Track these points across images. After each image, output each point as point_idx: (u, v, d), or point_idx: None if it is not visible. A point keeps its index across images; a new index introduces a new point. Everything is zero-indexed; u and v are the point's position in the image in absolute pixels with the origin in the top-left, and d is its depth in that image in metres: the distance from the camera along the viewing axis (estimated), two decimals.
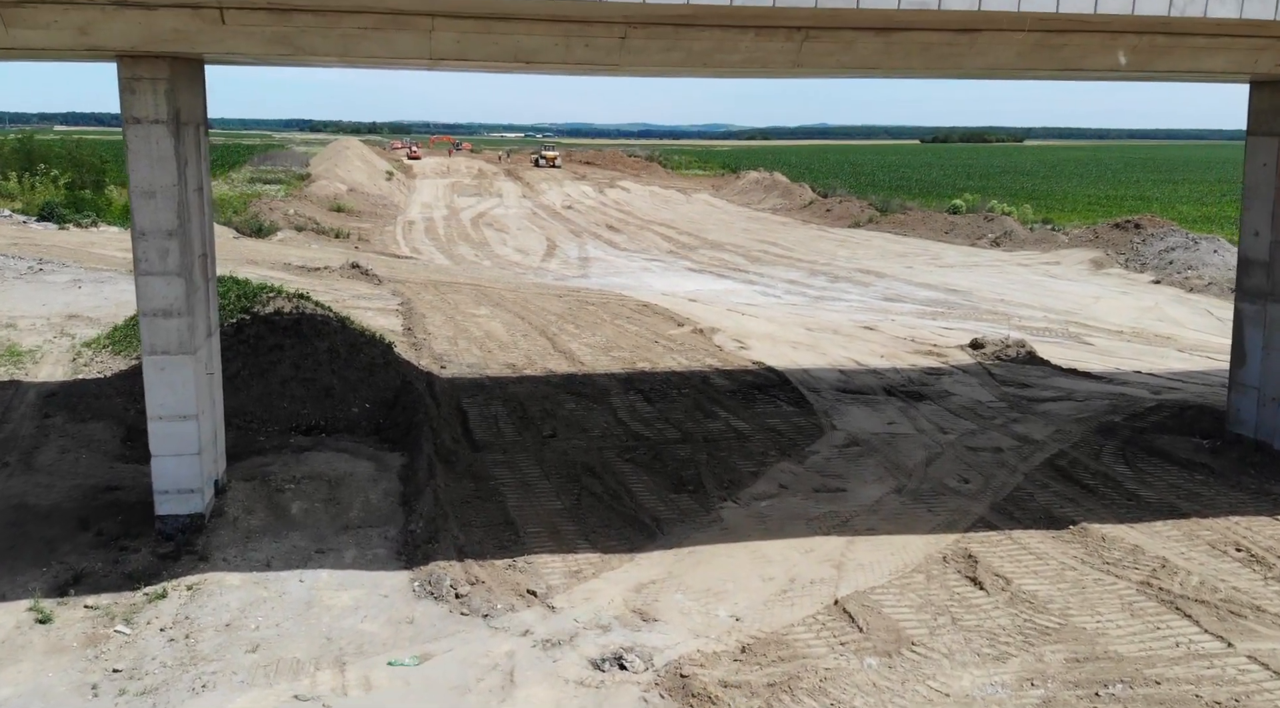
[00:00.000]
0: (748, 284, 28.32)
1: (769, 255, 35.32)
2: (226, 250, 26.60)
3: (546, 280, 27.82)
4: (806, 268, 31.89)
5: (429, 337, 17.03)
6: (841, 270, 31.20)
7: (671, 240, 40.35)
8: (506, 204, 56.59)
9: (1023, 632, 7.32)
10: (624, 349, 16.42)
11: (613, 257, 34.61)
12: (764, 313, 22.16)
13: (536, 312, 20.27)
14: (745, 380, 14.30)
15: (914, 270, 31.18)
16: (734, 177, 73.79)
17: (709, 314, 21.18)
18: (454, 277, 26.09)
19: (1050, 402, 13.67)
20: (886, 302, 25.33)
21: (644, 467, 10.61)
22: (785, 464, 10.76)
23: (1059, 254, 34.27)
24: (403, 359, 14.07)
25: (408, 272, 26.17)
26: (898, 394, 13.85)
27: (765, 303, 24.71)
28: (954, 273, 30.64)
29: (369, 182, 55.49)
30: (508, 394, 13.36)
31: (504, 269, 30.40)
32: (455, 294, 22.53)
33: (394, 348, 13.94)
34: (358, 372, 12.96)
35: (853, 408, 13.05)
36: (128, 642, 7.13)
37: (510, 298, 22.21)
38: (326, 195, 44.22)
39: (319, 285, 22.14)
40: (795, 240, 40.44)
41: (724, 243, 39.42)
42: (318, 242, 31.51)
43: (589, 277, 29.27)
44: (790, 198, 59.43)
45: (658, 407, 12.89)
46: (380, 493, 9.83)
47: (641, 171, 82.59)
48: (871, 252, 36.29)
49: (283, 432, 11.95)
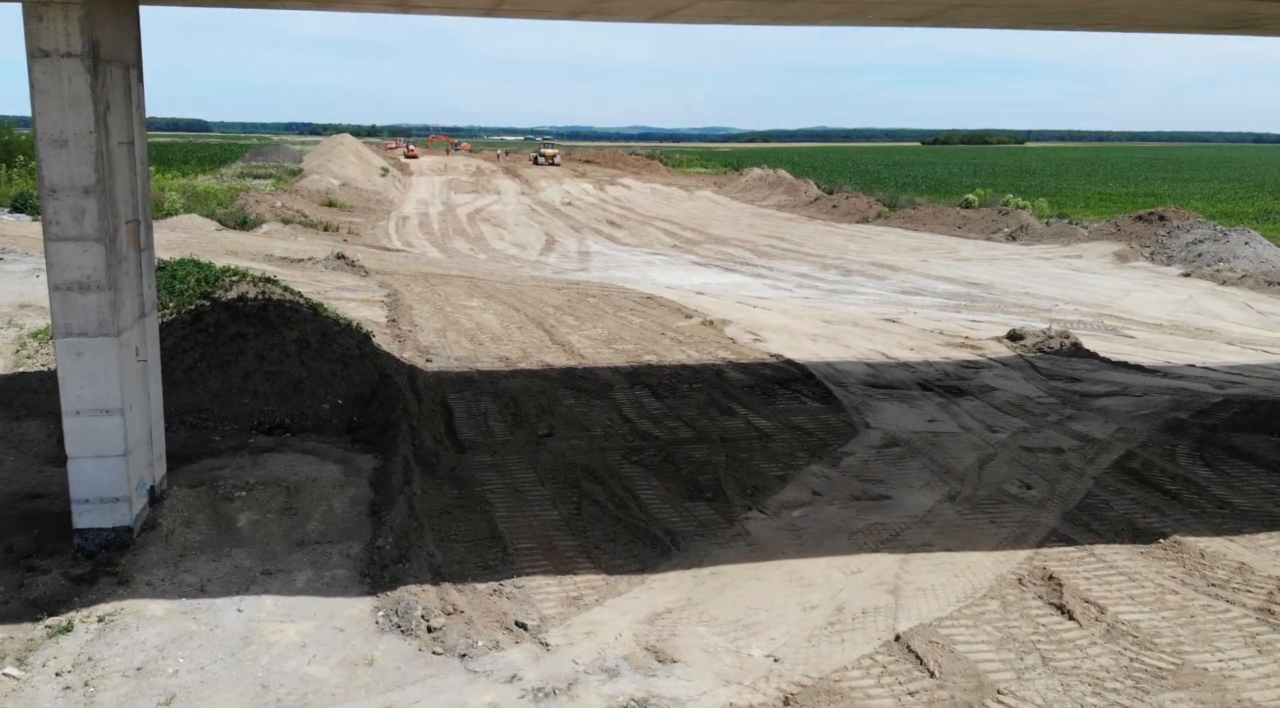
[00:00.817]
0: (757, 278, 26.90)
1: (777, 250, 33.90)
2: (207, 242, 25.19)
3: (544, 274, 26.39)
4: (817, 262, 30.46)
5: (415, 329, 15.59)
6: (854, 264, 29.77)
7: (674, 236, 38.94)
8: (504, 201, 55.18)
9: (1132, 675, 5.88)
10: (628, 342, 14.98)
11: (614, 251, 33.19)
12: (777, 305, 20.72)
13: (533, 304, 18.84)
14: (763, 374, 12.85)
15: (930, 264, 29.74)
16: (737, 174, 72.38)
17: (718, 307, 19.75)
18: (446, 269, 24.66)
19: (1105, 397, 12.23)
20: (905, 295, 23.90)
21: (654, 470, 9.17)
22: (817, 467, 9.32)
23: (1079, 247, 32.83)
24: (382, 351, 12.63)
25: (397, 264, 24.74)
26: (934, 389, 12.41)
27: (777, 296, 23.27)
28: (972, 266, 29.20)
29: (363, 177, 54.06)
30: (499, 389, 11.92)
31: (500, 263, 28.98)
32: (446, 286, 21.11)
33: (372, 338, 12.50)
34: (330, 364, 11.52)
35: (886, 404, 11.61)
36: (16, 688, 5.70)
37: (505, 290, 20.77)
38: (318, 190, 42.79)
39: (302, 277, 20.74)
40: (803, 235, 39.02)
41: (729, 238, 38.01)
42: (305, 235, 30.08)
43: (589, 270, 27.85)
44: (795, 194, 58.06)
45: (667, 403, 11.45)
46: (346, 501, 8.39)
47: (642, 170, 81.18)
48: (883, 246, 34.85)
49: (243, 431, 10.52)
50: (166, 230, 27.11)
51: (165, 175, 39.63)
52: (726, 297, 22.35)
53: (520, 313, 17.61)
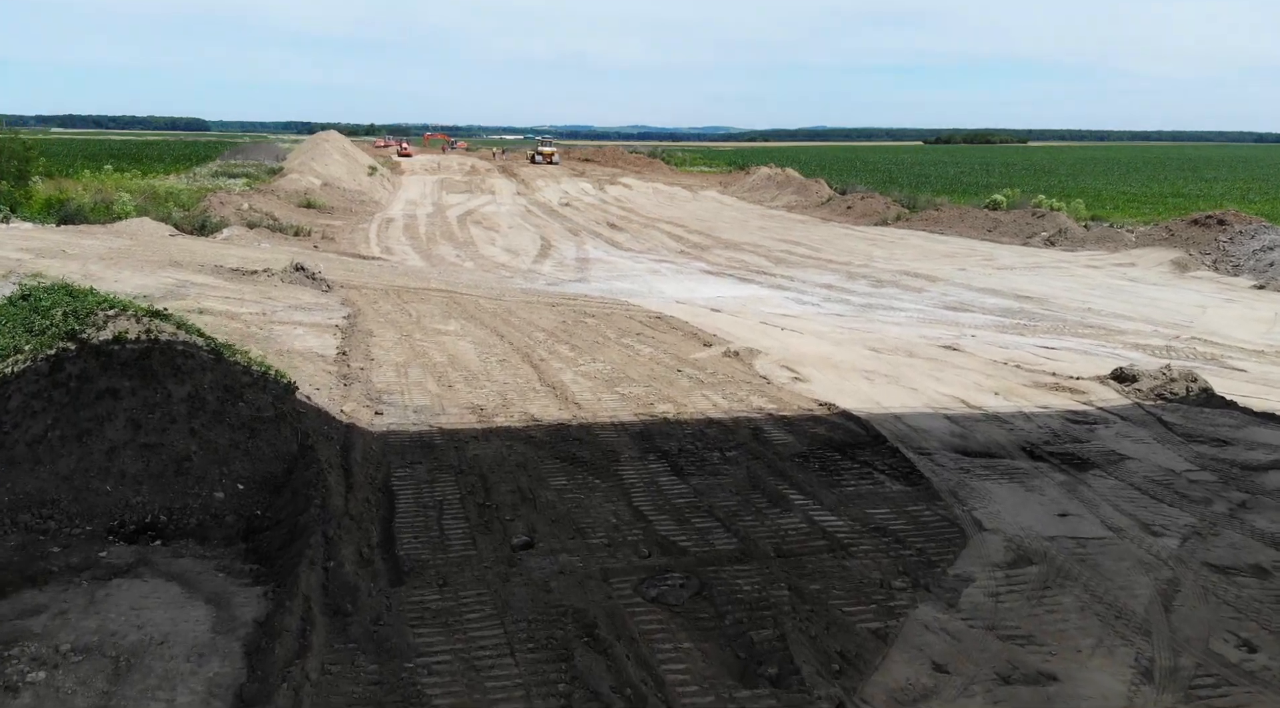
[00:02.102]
0: (777, 289, 23.81)
1: (794, 256, 30.82)
2: (151, 251, 22.11)
3: (538, 286, 23.31)
4: (841, 270, 27.38)
5: (370, 364, 12.49)
6: (883, 273, 26.68)
7: (681, 240, 35.86)
8: (499, 201, 52.11)
9: None
10: (636, 382, 11.89)
11: (616, 258, 30.10)
12: (808, 326, 17.64)
13: (521, 327, 15.76)
14: (816, 435, 9.75)
15: (969, 273, 26.66)
16: (743, 173, 69.29)
17: (740, 329, 16.67)
18: (425, 281, 21.57)
19: (1275, 470, 9.15)
20: (950, 311, 20.81)
21: (683, 617, 6.09)
22: (928, 610, 6.23)
23: (1130, 254, 29.75)
24: (311, 406, 9.54)
25: (369, 275, 21.65)
26: (1046, 457, 9.31)
27: (803, 313, 20.19)
28: (1016, 276, 26.12)
29: (348, 177, 50.93)
30: (466, 462, 8.83)
31: (488, 272, 25.89)
32: (421, 304, 18.03)
33: (294, 390, 9.38)
34: (231, 432, 8.43)
35: (992, 485, 8.51)
36: None
37: (489, 309, 17.68)
38: (296, 191, 39.68)
39: (251, 293, 17.67)
40: (820, 239, 35.94)
41: (740, 242, 34.93)
42: (271, 240, 26.98)
43: (588, 281, 24.77)
44: (805, 195, 55.01)
45: (693, 483, 8.36)
46: (202, 687, 5.31)
47: (644, 168, 78.09)
48: (911, 252, 31.76)
49: (98, 535, 7.44)
50: (110, 237, 24.03)
51: (125, 174, 36.57)
52: (746, 314, 19.27)
53: (505, 340, 14.53)
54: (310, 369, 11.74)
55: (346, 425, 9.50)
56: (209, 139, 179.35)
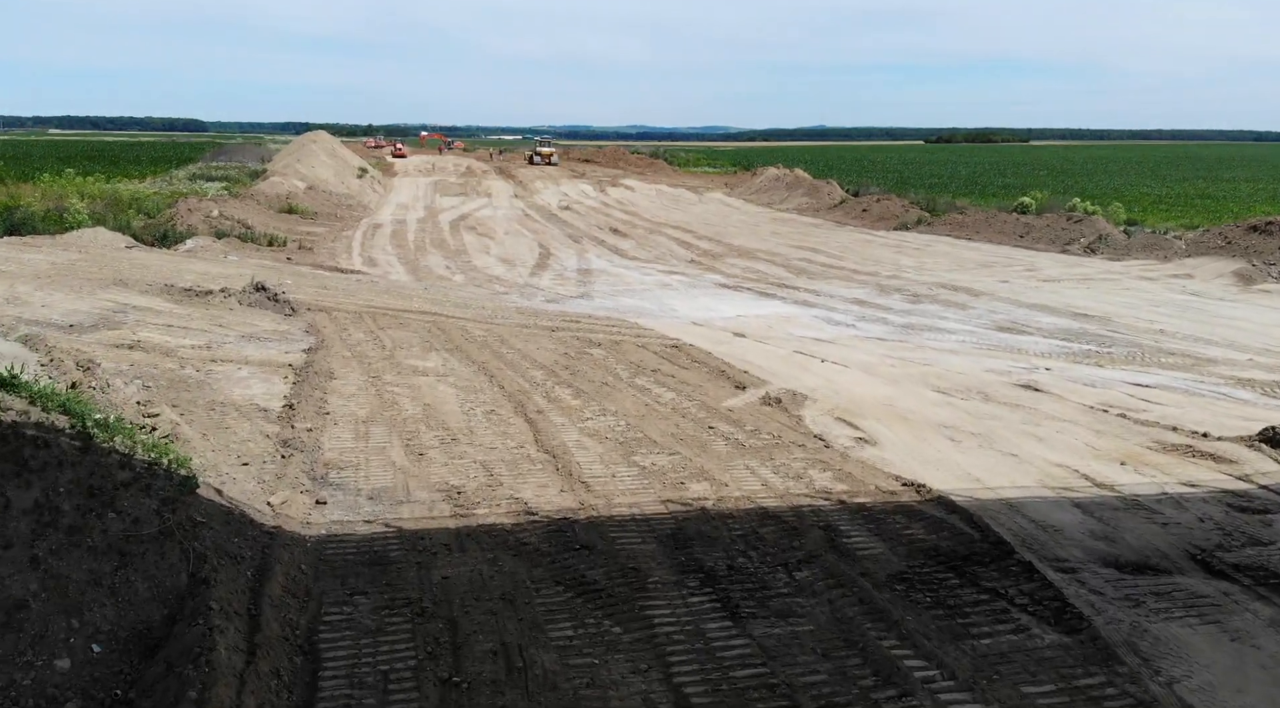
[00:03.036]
0: (802, 306, 21.25)
1: (815, 265, 28.26)
2: (99, 265, 19.56)
3: (535, 304, 20.74)
4: (869, 282, 24.83)
5: (323, 424, 9.93)
6: (917, 285, 24.13)
7: (690, 246, 33.31)
8: (495, 205, 49.55)
9: None
10: (658, 446, 9.35)
11: (621, 269, 27.53)
12: (851, 355, 15.09)
13: (514, 362, 13.22)
14: (916, 541, 7.19)
15: (1012, 286, 24.11)
16: (749, 174, 66.77)
17: (774, 361, 14.14)
18: (407, 300, 19.01)
19: None
20: (1005, 333, 18.27)
21: None
22: None
23: (1184, 264, 27.21)
24: (221, 505, 6.96)
25: (343, 294, 19.09)
26: (1230, 574, 6.77)
27: (838, 336, 17.65)
28: (1067, 290, 23.57)
29: (335, 179, 48.33)
30: (431, 590, 6.28)
31: (480, 287, 23.31)
32: (399, 330, 15.48)
33: (194, 488, 6.80)
34: (93, 558, 5.88)
35: (1180, 630, 5.96)
36: None
37: (478, 337, 15.14)
38: (277, 194, 37.10)
39: (200, 318, 15.16)
40: (840, 246, 33.38)
41: (754, 250, 32.38)
42: (240, 251, 24.42)
43: (592, 297, 22.20)
44: (817, 196, 52.46)
45: (757, 635, 5.80)
46: None
47: (646, 169, 75.59)
48: (942, 261, 29.21)
49: None
50: (57, 250, 21.47)
51: (89, 178, 33.92)
52: (775, 338, 16.74)
53: (494, 382, 11.98)
54: (243, 432, 9.19)
55: (270, 531, 6.93)
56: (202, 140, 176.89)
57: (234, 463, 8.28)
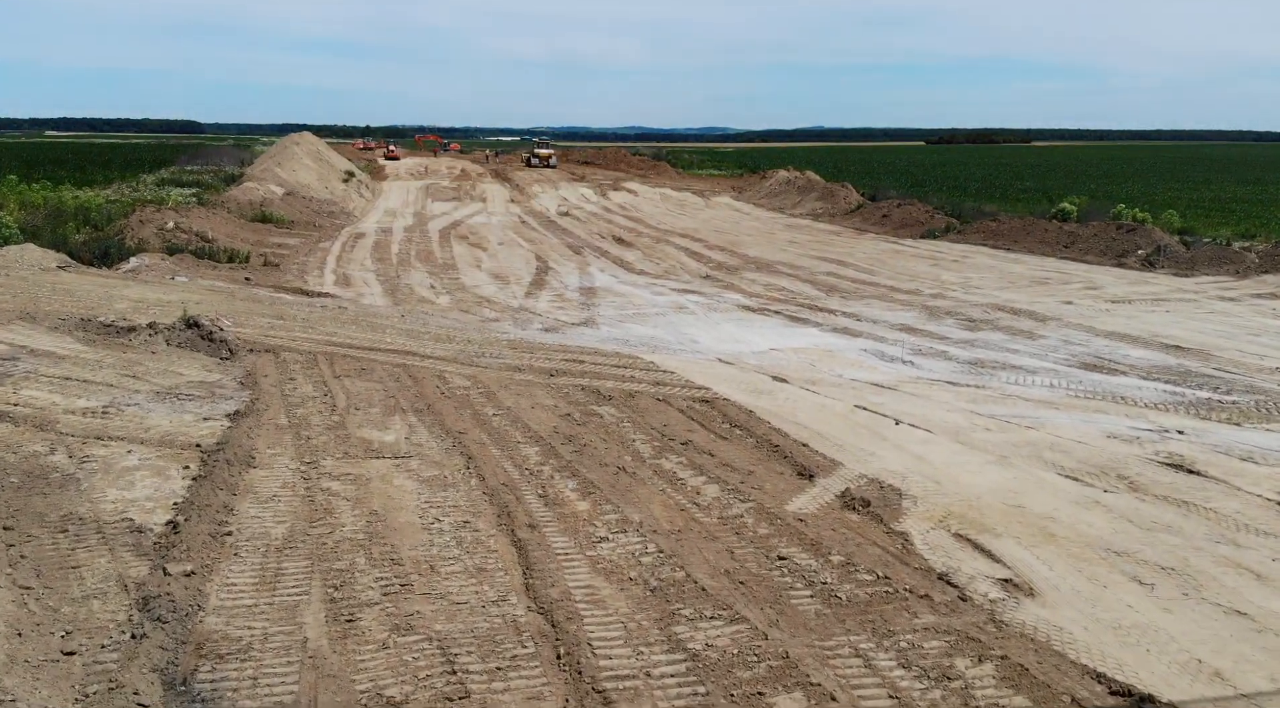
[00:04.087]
0: (844, 335, 18.16)
1: (845, 281, 25.18)
2: (12, 294, 16.45)
3: (531, 334, 17.64)
4: (913, 303, 21.74)
5: (216, 558, 6.81)
6: (970, 307, 21.04)
7: (701, 258, 30.23)
8: (490, 211, 46.46)
9: None
10: (709, 600, 6.26)
11: (628, 286, 24.43)
12: (930, 412, 11.98)
13: (501, 432, 10.13)
14: None
15: (1078, 308, 21.02)
16: (757, 177, 63.69)
17: (835, 422, 11.06)
18: (377, 335, 15.91)
19: None
20: (1094, 373, 15.18)
21: None
22: None
23: (1264, 281, 24.15)
24: None
25: (301, 327, 15.97)
26: None
27: (899, 378, 14.56)
28: (1143, 314, 20.48)
29: (319, 183, 45.19)
30: None
31: (468, 312, 20.19)
32: (359, 379, 12.38)
33: None
34: None
35: None
36: None
37: (458, 389, 12.04)
38: (250, 201, 33.96)
39: (108, 366, 12.11)
40: (867, 257, 30.30)
41: (773, 261, 29.30)
42: (193, 270, 21.31)
43: (597, 324, 19.11)
44: (831, 201, 49.37)
45: None
46: None
47: (648, 172, 72.51)
48: (988, 276, 26.13)
49: None
50: None
51: (33, 185, 30.63)
52: (825, 383, 13.67)
53: (472, 467, 8.89)
54: (90, 582, 6.10)
55: None
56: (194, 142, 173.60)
57: (45, 658, 5.19)
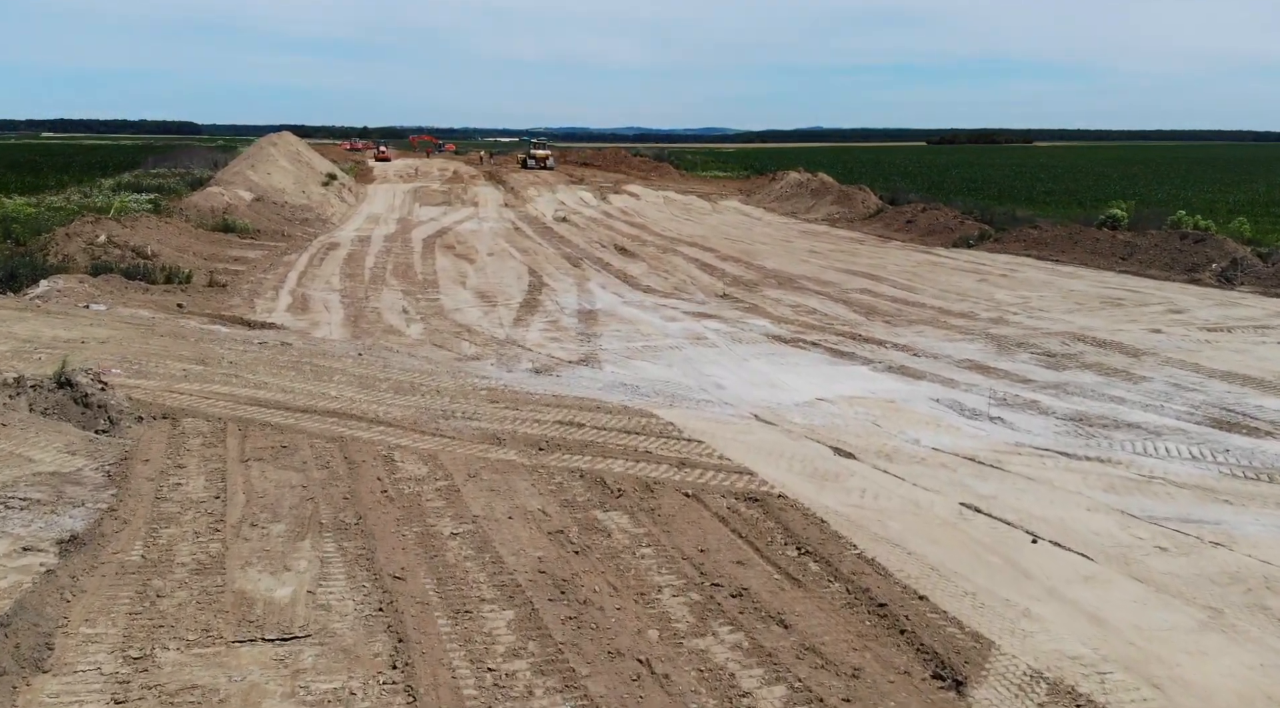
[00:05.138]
0: (904, 378, 14.77)
1: (884, 300, 21.79)
2: None
3: (517, 378, 14.23)
4: (974, 330, 18.36)
5: None
6: (1044, 338, 17.65)
7: (714, 271, 26.87)
8: (481, 216, 43.07)
9: None
10: None
11: (634, 309, 21.03)
12: (1066, 513, 8.60)
13: (460, 574, 6.73)
14: None
15: (1171, 339, 17.65)
16: (766, 178, 60.32)
17: (948, 540, 7.68)
18: (318, 387, 12.50)
19: None
20: (1233, 434, 11.79)
21: None
22: None
23: None
24: None
25: (222, 377, 12.55)
26: None
27: (995, 447, 11.18)
28: (1253, 345, 17.10)
29: (294, 188, 41.77)
30: None
31: (442, 346, 16.78)
32: (272, 468, 8.98)
33: None
34: None
35: None
36: None
37: (408, 483, 8.62)
38: (212, 208, 30.56)
39: None
40: (901, 270, 26.93)
41: (796, 275, 25.94)
42: (119, 294, 17.92)
43: (598, 362, 15.70)
44: (849, 205, 45.99)
45: None
46: None
47: (650, 173, 69.13)
48: (1048, 295, 22.75)
49: None
50: None
51: None
52: (903, 457, 10.29)
53: (401, 656, 5.50)
54: None
55: None
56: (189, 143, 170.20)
57: None
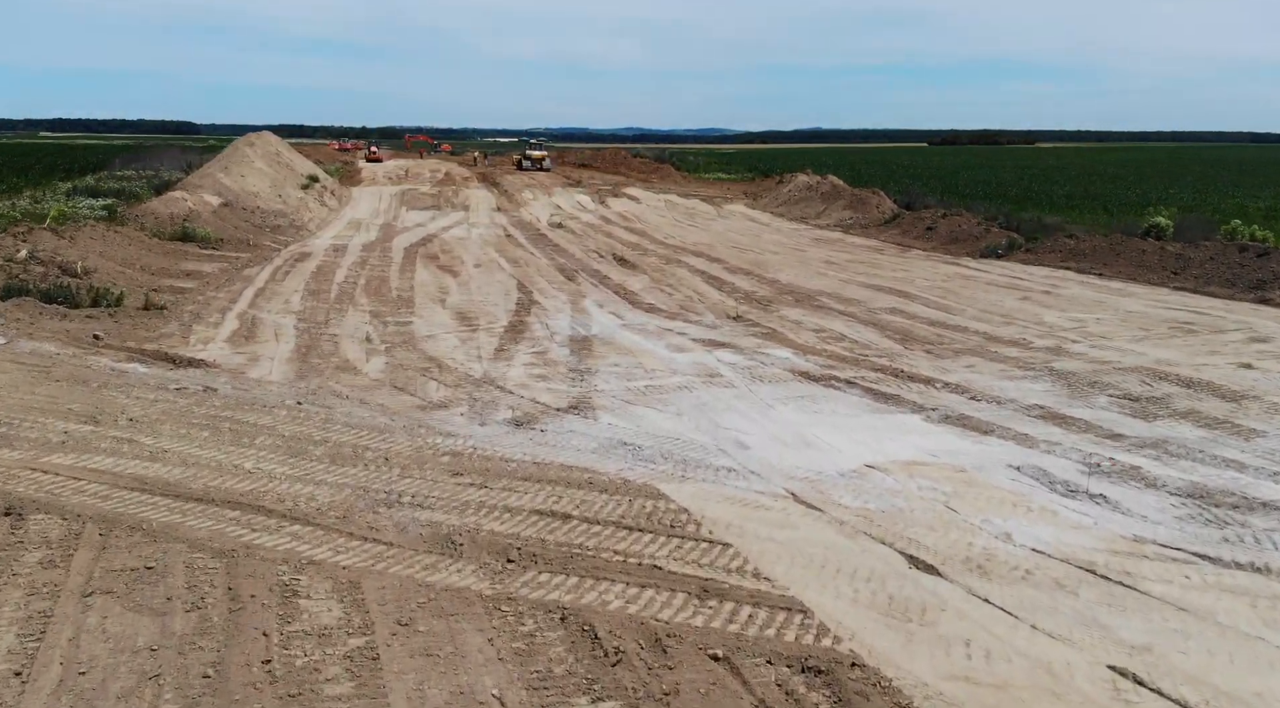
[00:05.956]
0: (966, 431, 12.06)
1: (920, 324, 19.10)
2: None
3: (490, 435, 11.49)
4: (1031, 361, 15.67)
5: None
6: (1117, 375, 14.96)
7: (724, 285, 24.20)
8: (472, 221, 40.40)
9: None
10: None
11: (636, 335, 18.32)
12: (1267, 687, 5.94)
13: None
14: None
15: (1269, 376, 14.95)
16: (772, 181, 57.66)
17: None
18: (227, 459, 9.78)
19: None
20: None
21: None
22: None
23: None
24: None
25: (108, 444, 9.82)
26: None
27: (1104, 541, 8.47)
28: None
29: (270, 191, 39.07)
30: None
31: (404, 388, 14.05)
32: (121, 607, 6.26)
33: None
34: None
35: None
36: None
37: (304, 649, 5.90)
38: (171, 215, 27.85)
39: None
40: (931, 285, 24.25)
41: (815, 291, 23.27)
42: (27, 321, 15.19)
43: (592, 408, 12.98)
44: (862, 210, 43.32)
45: None
46: None
47: (651, 175, 66.48)
48: (1103, 316, 20.06)
49: None
50: None
51: None
52: (1002, 565, 7.59)
53: None
54: None
55: None
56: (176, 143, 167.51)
57: None
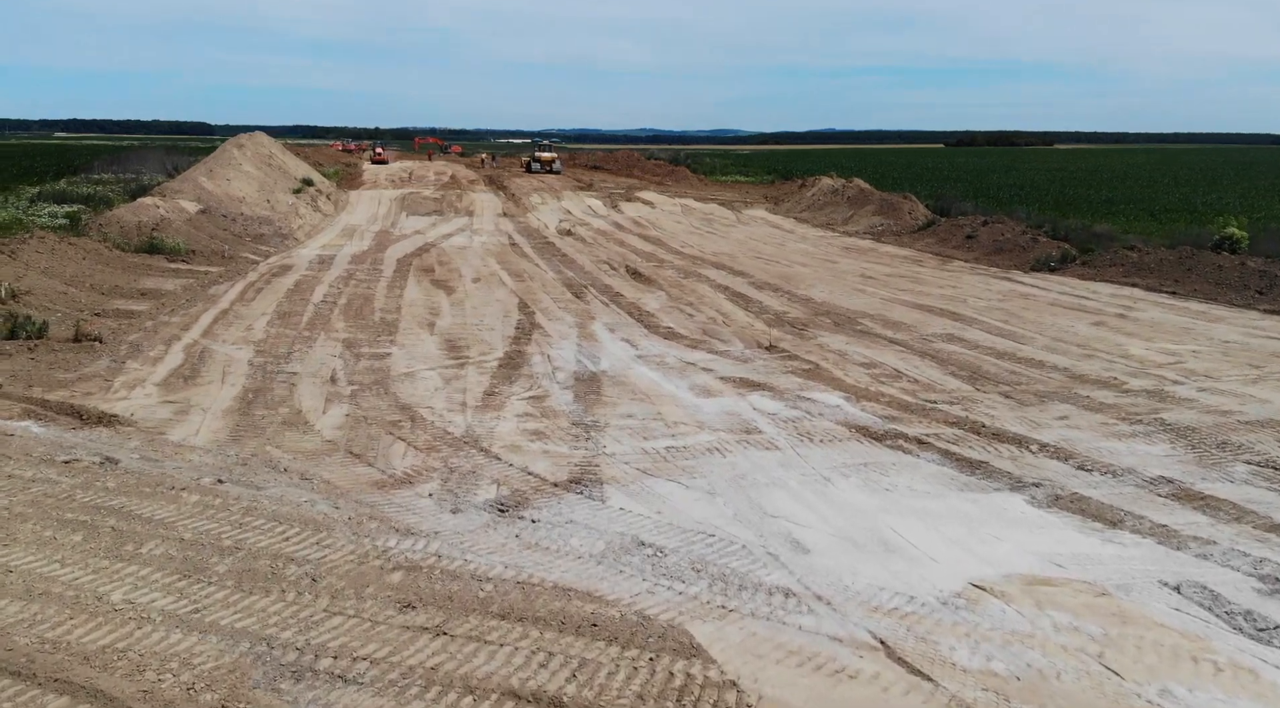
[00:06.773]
0: (1087, 525, 9.21)
1: (985, 356, 16.24)
2: None
3: (459, 533, 8.69)
4: (1134, 412, 12.80)
5: None
6: (1247, 432, 12.06)
7: (750, 304, 21.38)
8: (475, 228, 37.70)
9: None
10: None
11: (653, 371, 15.50)
12: None
13: None
14: None
15: None
16: (794, 185, 54.79)
17: None
18: (78, 603, 6.98)
19: None
20: None
21: None
22: None
23: None
24: None
25: None
26: None
27: None
28: None
29: (257, 196, 36.46)
30: None
31: (361, 456, 11.23)
32: None
33: None
34: None
35: None
36: None
37: None
38: (139, 223, 25.24)
39: None
40: (986, 305, 21.36)
41: (854, 312, 20.42)
42: None
43: (600, 484, 10.15)
44: (894, 216, 40.40)
45: None
46: None
47: (665, 178, 63.70)
48: (1198, 347, 17.16)
49: None
50: None
51: None
52: None
53: None
54: None
55: None
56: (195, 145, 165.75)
57: None
